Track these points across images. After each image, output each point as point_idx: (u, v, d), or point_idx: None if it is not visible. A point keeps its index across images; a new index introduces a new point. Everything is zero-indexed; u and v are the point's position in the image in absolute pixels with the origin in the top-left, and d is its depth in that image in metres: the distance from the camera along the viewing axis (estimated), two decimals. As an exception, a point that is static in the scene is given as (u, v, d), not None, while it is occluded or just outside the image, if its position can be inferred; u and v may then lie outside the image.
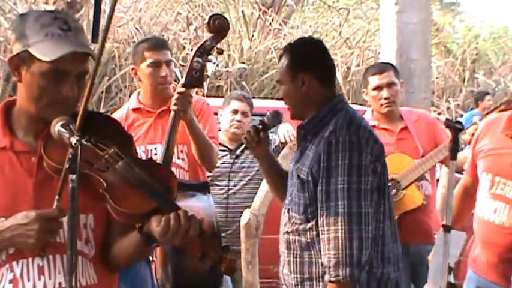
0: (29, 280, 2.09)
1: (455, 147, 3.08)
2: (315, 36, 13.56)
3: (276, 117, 3.24)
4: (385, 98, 4.24)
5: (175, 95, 3.75)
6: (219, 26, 3.70)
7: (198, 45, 3.77)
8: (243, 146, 3.25)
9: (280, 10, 15.04)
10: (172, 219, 2.00)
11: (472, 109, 12.77)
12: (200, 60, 3.73)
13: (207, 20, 3.80)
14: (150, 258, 3.77)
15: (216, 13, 4.03)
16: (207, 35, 3.69)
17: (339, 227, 2.74)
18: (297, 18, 16.05)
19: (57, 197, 2.01)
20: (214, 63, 3.85)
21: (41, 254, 2.08)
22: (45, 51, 2.04)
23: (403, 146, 4.26)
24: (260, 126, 3.21)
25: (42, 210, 2.03)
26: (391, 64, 4.69)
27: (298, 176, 2.89)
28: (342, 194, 2.75)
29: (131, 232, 2.12)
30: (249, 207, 4.74)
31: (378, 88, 4.26)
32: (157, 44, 4.11)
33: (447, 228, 3.08)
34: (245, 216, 4.67)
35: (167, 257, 3.59)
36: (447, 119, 3.39)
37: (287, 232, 2.94)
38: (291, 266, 2.93)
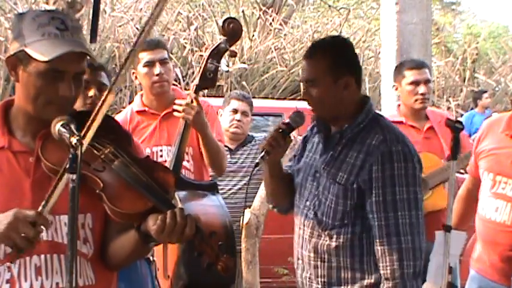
0: (26, 280, 2.08)
1: (455, 147, 3.08)
2: (315, 36, 13.58)
3: (300, 118, 3.10)
4: (421, 94, 4.26)
5: (182, 102, 3.75)
6: (232, 30, 3.73)
7: (212, 47, 3.79)
8: (263, 152, 2.92)
9: (280, 10, 15.04)
10: (168, 217, 2.00)
11: (472, 109, 12.78)
12: (214, 61, 3.75)
13: (221, 23, 3.83)
14: (151, 258, 3.77)
15: (230, 17, 4.05)
16: (207, 35, 3.70)
17: (402, 238, 2.71)
18: (297, 18, 16.05)
19: (43, 202, 1.98)
20: (227, 65, 3.87)
21: (4, 259, 2.02)
22: (42, 51, 2.04)
23: (429, 145, 4.26)
24: (284, 129, 2.96)
25: (24, 209, 1.98)
26: (425, 62, 4.69)
27: (335, 181, 2.82)
28: (402, 205, 2.73)
29: (129, 230, 2.12)
30: (249, 207, 4.73)
31: (416, 83, 4.27)
32: (150, 44, 4.12)
33: (447, 228, 3.08)
34: (245, 216, 4.67)
35: (180, 256, 3.59)
36: (448, 119, 3.39)
37: (316, 236, 2.88)
38: (318, 270, 2.88)
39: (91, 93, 3.40)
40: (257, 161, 2.87)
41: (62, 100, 2.09)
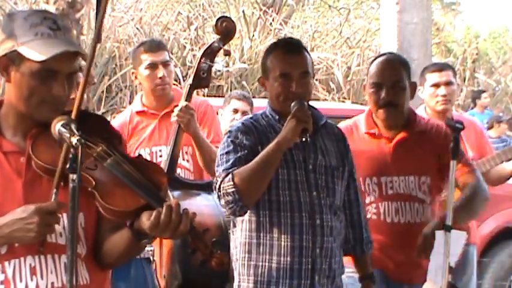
0: (21, 281, 2.08)
1: (455, 147, 3.08)
2: (315, 36, 13.59)
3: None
4: (442, 96, 4.30)
5: (178, 107, 3.74)
6: (226, 28, 3.73)
7: (206, 46, 3.78)
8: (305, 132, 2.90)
9: (280, 10, 15.03)
10: (163, 212, 2.00)
11: (472, 108, 12.80)
12: (208, 61, 3.75)
13: (214, 22, 3.82)
14: (151, 258, 3.77)
15: (223, 15, 4.05)
16: (207, 35, 3.71)
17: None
18: (297, 18, 16.04)
19: (54, 190, 2.01)
20: (223, 65, 3.88)
21: (40, 249, 2.06)
22: (37, 51, 2.03)
23: None
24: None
25: (40, 203, 2.01)
26: (450, 65, 4.74)
27: (333, 167, 3.06)
28: None
29: (121, 229, 2.12)
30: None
31: (436, 85, 4.32)
32: (153, 46, 4.11)
33: (447, 228, 3.08)
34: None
35: (174, 255, 3.59)
36: (448, 119, 3.39)
37: (330, 219, 3.01)
38: (333, 250, 3.01)
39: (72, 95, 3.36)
40: (303, 139, 2.87)
41: (55, 100, 2.09)
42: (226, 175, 2.88)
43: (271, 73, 3.03)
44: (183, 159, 4.01)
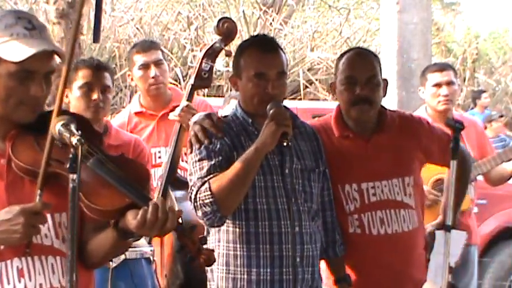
0: (9, 283, 2.06)
1: (455, 147, 3.08)
2: (315, 36, 13.58)
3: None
4: (443, 96, 4.29)
5: (179, 107, 3.74)
6: (227, 29, 3.73)
7: (207, 47, 3.79)
8: (287, 137, 2.79)
9: (280, 10, 15.02)
10: (150, 211, 1.99)
11: (472, 108, 12.80)
12: (209, 61, 3.75)
13: (214, 23, 3.83)
14: (151, 258, 3.77)
15: (225, 16, 4.06)
16: (208, 35, 3.70)
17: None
18: (297, 18, 16.03)
19: (38, 191, 2.00)
20: (224, 65, 3.87)
21: (27, 250, 2.05)
22: (13, 52, 2.03)
23: None
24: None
25: (25, 204, 2.00)
26: (451, 65, 4.75)
27: (309, 170, 2.95)
28: None
29: (105, 228, 2.11)
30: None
31: (438, 85, 4.31)
32: (144, 46, 4.12)
33: (447, 228, 3.08)
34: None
35: (175, 255, 3.60)
36: (448, 119, 3.39)
37: (311, 227, 2.91)
38: (314, 258, 2.92)
39: (94, 96, 3.35)
40: (284, 144, 2.75)
41: (33, 100, 2.08)
42: (202, 184, 2.75)
43: (245, 72, 2.87)
44: (182, 161, 4.00)
